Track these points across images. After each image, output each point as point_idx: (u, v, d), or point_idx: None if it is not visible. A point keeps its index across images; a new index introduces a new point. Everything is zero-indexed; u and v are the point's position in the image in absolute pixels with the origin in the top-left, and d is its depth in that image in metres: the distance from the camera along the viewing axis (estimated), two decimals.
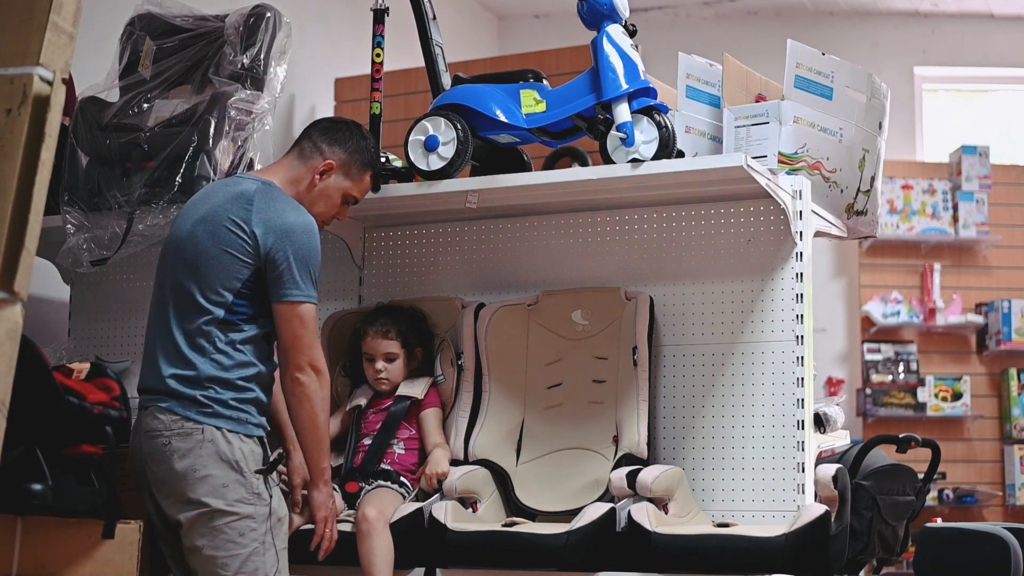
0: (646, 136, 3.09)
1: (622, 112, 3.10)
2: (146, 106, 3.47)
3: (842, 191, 3.34)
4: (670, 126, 3.10)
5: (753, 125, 3.22)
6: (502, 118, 3.27)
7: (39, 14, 2.10)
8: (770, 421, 3.20)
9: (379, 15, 3.71)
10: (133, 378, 3.10)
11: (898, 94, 5.59)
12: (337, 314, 3.60)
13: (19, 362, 2.06)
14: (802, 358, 3.19)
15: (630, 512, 2.98)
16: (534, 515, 3.23)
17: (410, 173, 3.44)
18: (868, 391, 6.70)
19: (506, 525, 3.07)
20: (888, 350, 6.77)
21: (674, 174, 3.12)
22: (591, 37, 3.16)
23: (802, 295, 3.22)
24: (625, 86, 3.10)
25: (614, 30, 3.13)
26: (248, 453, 2.83)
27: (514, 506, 3.26)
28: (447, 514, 3.07)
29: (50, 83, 2.08)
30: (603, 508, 3.01)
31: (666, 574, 2.93)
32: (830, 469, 3.05)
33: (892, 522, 3.24)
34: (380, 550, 3.02)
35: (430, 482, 3.22)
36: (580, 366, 3.39)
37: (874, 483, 3.18)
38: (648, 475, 3.01)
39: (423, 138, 3.30)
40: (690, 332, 3.35)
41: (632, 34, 3.17)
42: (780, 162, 3.18)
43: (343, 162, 3.06)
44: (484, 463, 3.29)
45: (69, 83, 2.72)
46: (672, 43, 4.35)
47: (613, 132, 3.11)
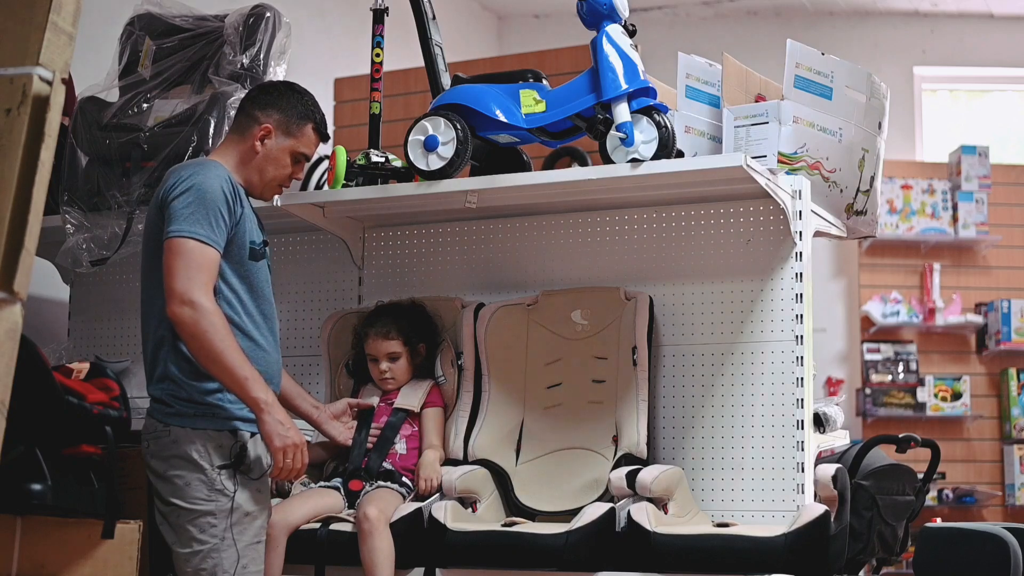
0: (646, 136, 3.09)
1: (622, 112, 3.10)
2: (146, 106, 3.47)
3: (842, 191, 3.34)
4: (670, 126, 3.10)
5: (753, 125, 3.22)
6: (502, 118, 3.27)
7: (39, 14, 2.09)
8: (770, 421, 3.20)
9: (379, 15, 3.71)
10: (133, 378, 3.11)
11: (898, 94, 5.59)
12: (337, 314, 3.61)
13: (19, 362, 2.06)
14: (802, 358, 3.19)
15: (630, 512, 2.98)
16: (534, 515, 3.23)
17: (410, 173, 3.44)
18: (868, 391, 6.70)
19: (506, 525, 3.07)
20: (888, 350, 6.77)
21: (674, 174, 3.12)
22: (591, 37, 3.16)
23: (802, 295, 3.22)
24: (625, 86, 3.10)
25: (614, 30, 3.13)
26: (213, 449, 2.79)
27: (514, 506, 3.26)
28: (447, 514, 3.07)
29: (50, 83, 2.08)
30: (603, 508, 3.01)
31: (666, 574, 2.93)
32: (830, 469, 3.05)
33: (892, 522, 3.24)
34: (381, 550, 3.02)
35: (425, 488, 3.21)
36: (580, 366, 3.39)
37: (874, 483, 3.18)
38: (648, 475, 3.01)
39: (423, 138, 3.30)
40: (690, 332, 3.35)
41: (632, 34, 3.17)
42: (780, 162, 3.18)
43: (279, 121, 3.00)
44: (484, 463, 3.29)
45: (69, 83, 2.72)
46: (672, 43, 4.35)
47: (613, 132, 3.11)
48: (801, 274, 3.23)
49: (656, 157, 3.08)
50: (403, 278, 3.72)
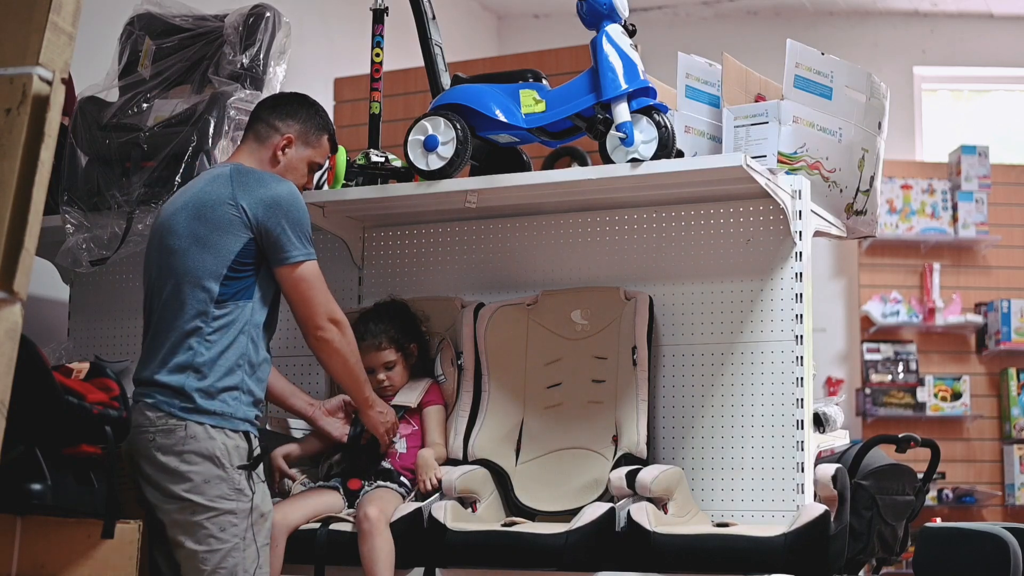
0: (645, 136, 3.09)
1: (621, 112, 3.10)
2: (145, 106, 3.47)
3: (841, 191, 3.34)
4: (669, 126, 3.10)
5: (752, 125, 3.22)
6: (501, 118, 3.27)
7: (39, 14, 2.10)
8: (770, 421, 3.20)
9: (378, 15, 3.71)
10: (132, 378, 3.10)
11: (897, 94, 5.58)
12: None
13: (19, 362, 2.06)
14: (802, 358, 3.19)
15: (629, 512, 2.98)
16: (533, 515, 3.23)
17: (409, 173, 3.44)
18: (867, 391, 6.70)
19: (505, 525, 3.07)
20: (887, 350, 6.77)
21: (673, 174, 3.12)
22: (590, 37, 3.16)
23: (802, 295, 3.22)
24: (624, 86, 3.10)
25: (613, 30, 3.13)
26: (232, 448, 2.84)
27: (513, 506, 3.26)
28: (446, 514, 3.07)
29: (49, 83, 2.08)
30: (602, 508, 3.01)
31: (666, 574, 2.92)
32: (829, 469, 3.05)
33: (891, 522, 3.24)
34: (381, 550, 3.02)
35: (423, 486, 3.21)
36: (579, 366, 3.39)
37: (873, 483, 3.18)
38: (647, 475, 3.01)
39: (422, 138, 3.30)
40: (690, 332, 3.35)
41: (631, 34, 3.17)
42: (779, 162, 3.18)
43: (300, 132, 3.10)
44: (483, 463, 3.29)
45: (69, 83, 2.72)
46: (671, 43, 4.35)
47: (612, 132, 3.11)
48: (801, 274, 3.23)
49: (656, 157, 3.08)
50: (403, 278, 3.72)
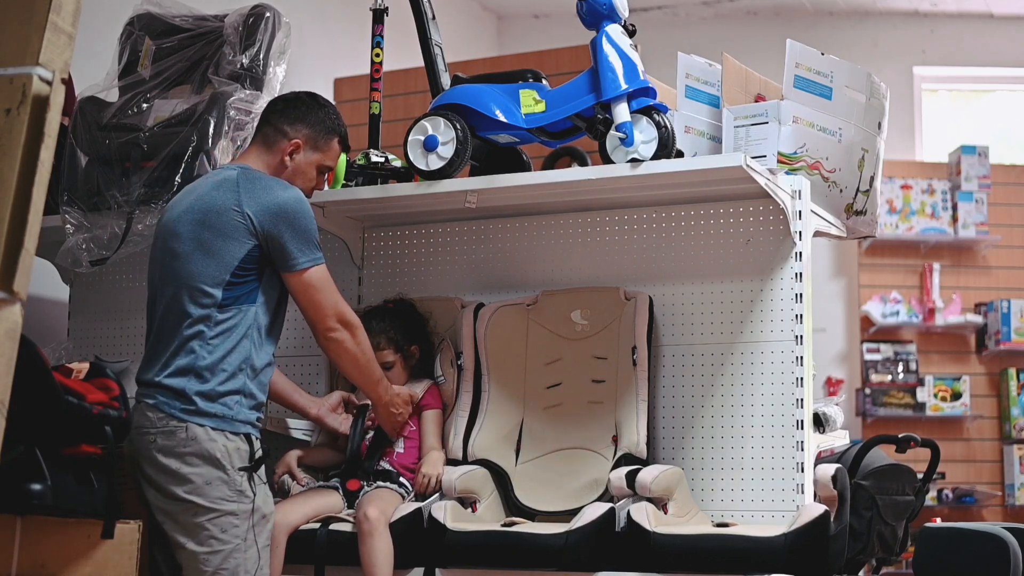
0: (645, 136, 3.09)
1: (621, 112, 3.10)
2: (145, 106, 3.47)
3: (841, 191, 3.34)
4: (669, 126, 3.10)
5: (752, 125, 3.22)
6: (501, 118, 3.27)
7: (39, 14, 2.10)
8: (769, 421, 3.20)
9: (378, 15, 3.71)
10: (132, 378, 3.10)
11: (897, 94, 5.58)
12: None
13: (19, 362, 2.06)
14: (801, 358, 3.19)
15: (629, 512, 2.98)
16: (533, 515, 3.23)
17: (409, 173, 3.44)
18: (867, 391, 6.70)
19: (505, 525, 3.07)
20: (887, 350, 6.77)
21: (673, 174, 3.12)
22: (590, 37, 3.16)
23: (801, 295, 3.22)
24: (624, 86, 3.10)
25: (613, 30, 3.13)
26: (233, 450, 2.84)
27: (513, 506, 3.26)
28: (446, 514, 3.07)
29: (49, 83, 2.08)
30: (602, 508, 3.01)
31: (665, 574, 2.93)
32: (829, 469, 3.05)
33: (891, 522, 3.24)
34: (381, 550, 3.02)
35: (424, 483, 3.21)
36: (579, 366, 3.39)
37: (873, 483, 3.18)
38: (647, 475, 3.01)
39: (422, 138, 3.30)
40: (689, 332, 3.35)
41: (631, 34, 3.17)
42: (779, 162, 3.18)
43: (309, 136, 3.06)
44: (483, 463, 3.29)
45: (68, 83, 2.72)
46: (671, 43, 4.35)
47: (612, 132, 3.11)
48: (801, 274, 3.23)
49: (656, 157, 3.08)
50: (403, 278, 3.72)
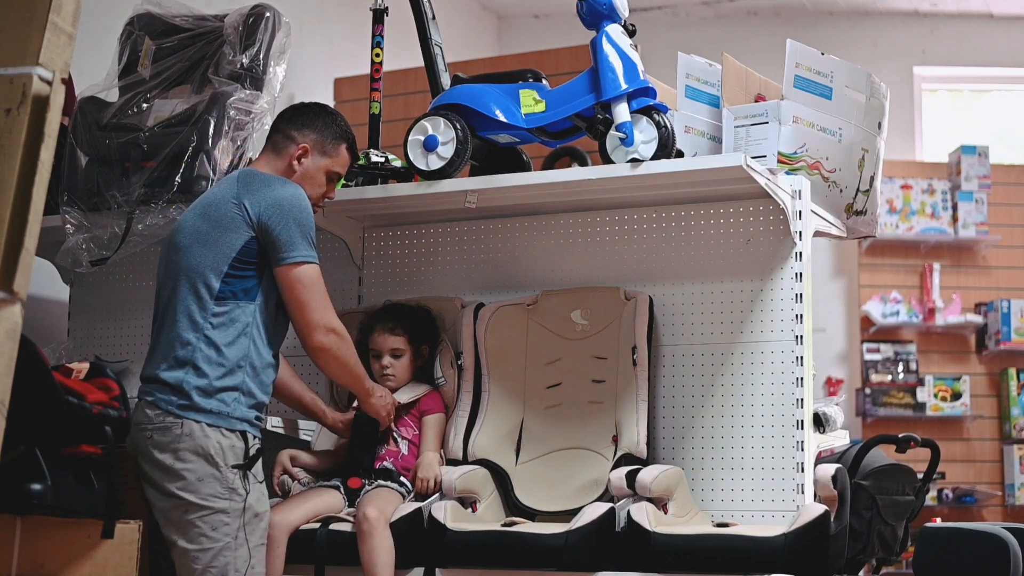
0: (645, 136, 3.09)
1: (621, 112, 3.10)
2: (145, 106, 3.47)
3: (841, 191, 3.34)
4: (669, 126, 3.10)
5: (752, 125, 3.22)
6: (501, 118, 3.27)
7: (39, 14, 2.10)
8: (770, 421, 3.20)
9: (378, 15, 3.71)
10: (132, 378, 3.11)
11: (897, 94, 5.59)
12: (337, 313, 3.60)
13: (19, 362, 2.06)
14: (802, 358, 3.19)
15: (629, 512, 2.98)
16: (533, 515, 3.23)
17: (409, 173, 3.44)
18: (867, 391, 6.70)
19: (505, 525, 3.07)
20: (887, 350, 6.77)
21: (673, 174, 3.12)
22: (590, 37, 3.16)
23: (801, 295, 3.22)
24: (624, 86, 3.10)
25: (613, 30, 3.13)
26: (227, 447, 2.84)
27: (513, 506, 3.26)
28: (446, 514, 3.07)
29: (49, 83, 2.08)
30: (602, 508, 3.01)
31: (665, 574, 2.92)
32: (829, 469, 3.05)
33: (891, 522, 3.24)
34: (381, 550, 3.02)
35: (423, 487, 3.21)
36: (579, 366, 3.39)
37: (873, 483, 3.18)
38: (647, 475, 3.01)
39: (422, 138, 3.30)
40: (690, 332, 3.35)
41: (631, 34, 3.17)
42: (779, 162, 3.18)
43: (316, 142, 3.09)
44: (483, 463, 3.29)
45: (68, 83, 2.72)
46: (672, 43, 4.35)
47: (612, 132, 3.11)
48: (801, 274, 3.23)
49: (656, 157, 3.08)
50: (403, 278, 3.72)
